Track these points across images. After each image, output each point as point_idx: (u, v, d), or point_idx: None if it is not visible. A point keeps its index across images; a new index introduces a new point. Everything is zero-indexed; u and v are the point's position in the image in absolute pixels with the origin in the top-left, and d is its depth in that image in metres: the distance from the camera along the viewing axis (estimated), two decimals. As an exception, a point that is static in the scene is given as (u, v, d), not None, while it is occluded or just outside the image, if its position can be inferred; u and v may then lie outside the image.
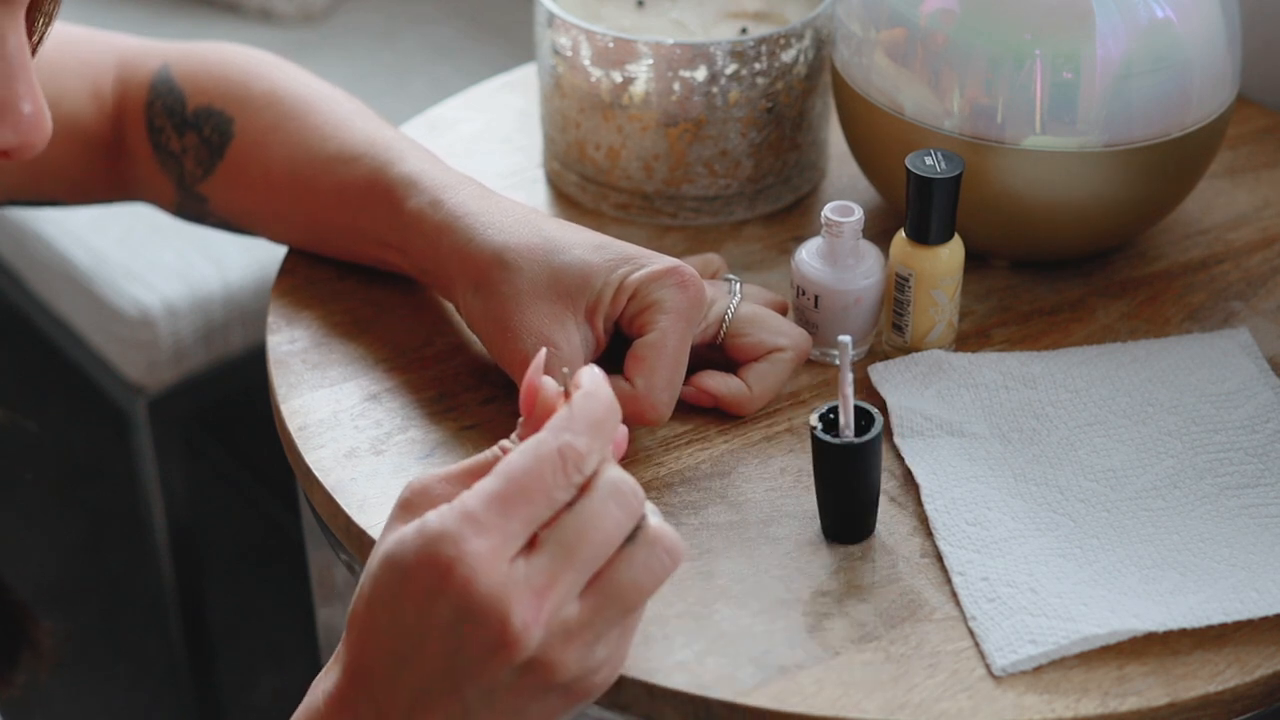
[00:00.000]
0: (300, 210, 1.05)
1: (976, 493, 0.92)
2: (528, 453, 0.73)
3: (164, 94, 1.07)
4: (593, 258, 0.94)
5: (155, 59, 1.08)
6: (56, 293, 1.59)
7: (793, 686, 0.84)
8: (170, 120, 1.06)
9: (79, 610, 1.87)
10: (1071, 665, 0.85)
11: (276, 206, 1.05)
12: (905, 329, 1.01)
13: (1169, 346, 1.02)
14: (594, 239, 0.96)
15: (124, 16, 1.78)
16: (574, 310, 0.94)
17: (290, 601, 1.84)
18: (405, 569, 0.72)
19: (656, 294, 0.94)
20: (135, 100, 1.08)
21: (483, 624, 0.71)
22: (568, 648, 0.72)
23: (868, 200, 1.15)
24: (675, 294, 0.94)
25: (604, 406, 0.74)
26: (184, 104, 1.06)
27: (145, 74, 1.08)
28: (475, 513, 0.71)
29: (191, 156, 1.06)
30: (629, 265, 0.94)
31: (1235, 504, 0.92)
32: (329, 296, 1.06)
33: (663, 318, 0.93)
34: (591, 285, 0.94)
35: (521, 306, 0.94)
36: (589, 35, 1.09)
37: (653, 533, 0.74)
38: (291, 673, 1.79)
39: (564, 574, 0.72)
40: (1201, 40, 1.03)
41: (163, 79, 1.07)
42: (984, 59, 1.02)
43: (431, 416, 0.98)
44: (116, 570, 1.91)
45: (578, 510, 0.73)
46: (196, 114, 1.06)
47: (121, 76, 1.09)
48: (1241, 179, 1.17)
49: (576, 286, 0.94)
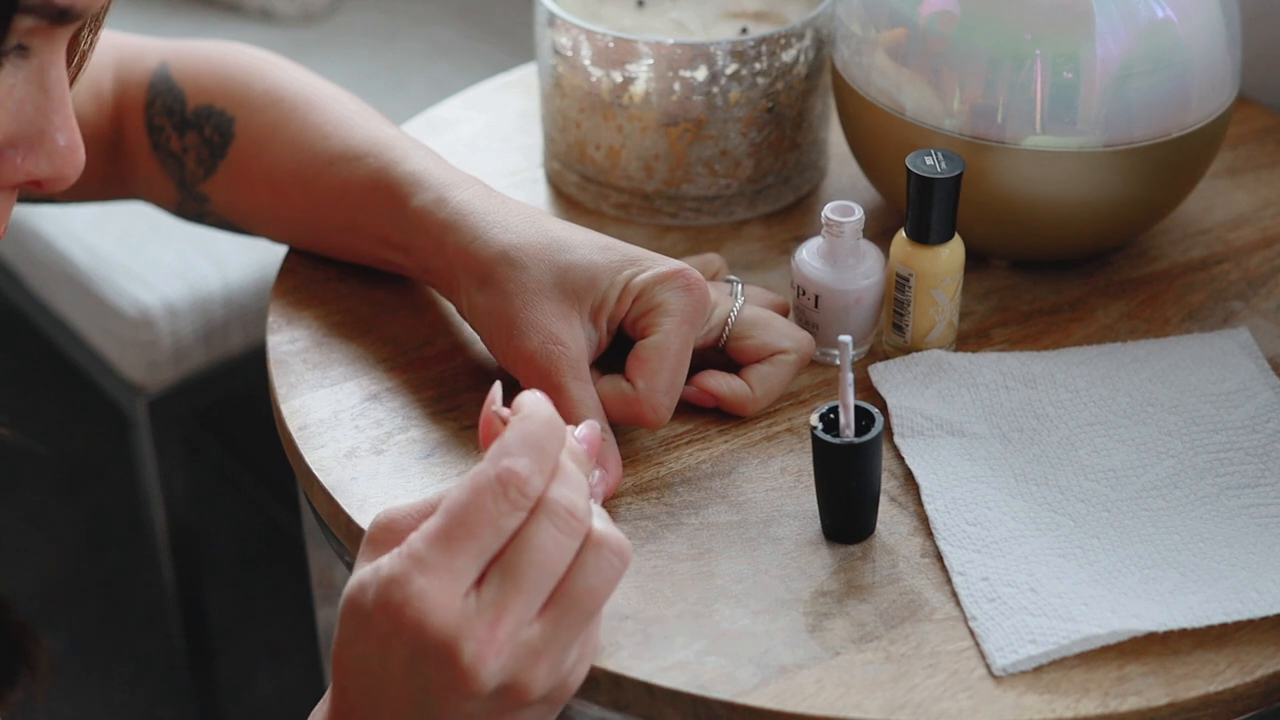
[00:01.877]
0: (302, 209, 1.05)
1: (977, 493, 0.92)
2: (466, 486, 0.73)
3: (163, 93, 1.07)
4: (599, 258, 0.95)
5: (153, 57, 1.08)
6: (56, 293, 1.59)
7: (793, 686, 0.84)
8: (170, 120, 1.06)
9: (79, 610, 1.87)
10: (1072, 665, 0.85)
11: (278, 206, 1.05)
12: (905, 329, 1.01)
13: (1169, 346, 1.02)
14: (599, 240, 0.96)
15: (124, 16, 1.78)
16: (579, 309, 0.94)
17: (290, 601, 1.84)
18: (364, 614, 0.73)
19: (661, 296, 0.94)
20: (134, 100, 1.08)
21: (437, 661, 0.72)
22: (536, 666, 0.73)
23: (868, 200, 1.15)
24: (680, 297, 0.94)
25: (542, 425, 0.74)
26: (184, 103, 1.06)
27: (143, 73, 1.08)
28: (419, 554, 0.72)
29: (193, 156, 1.06)
30: (635, 267, 0.94)
31: (1235, 504, 0.92)
32: (329, 296, 1.06)
33: (666, 320, 0.93)
34: (598, 285, 0.94)
35: (528, 304, 0.94)
36: (589, 35, 1.09)
37: (596, 538, 0.74)
38: (291, 673, 1.79)
39: (513, 602, 0.72)
40: (1201, 40, 1.03)
41: (161, 78, 1.07)
42: (984, 59, 1.02)
43: (431, 416, 0.98)
44: (116, 570, 1.91)
45: (521, 537, 0.73)
46: (197, 113, 1.06)
47: (119, 75, 1.08)
48: (1241, 179, 1.17)
49: (583, 286, 0.94)
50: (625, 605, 0.88)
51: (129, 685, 1.80)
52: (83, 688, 1.80)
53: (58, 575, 1.91)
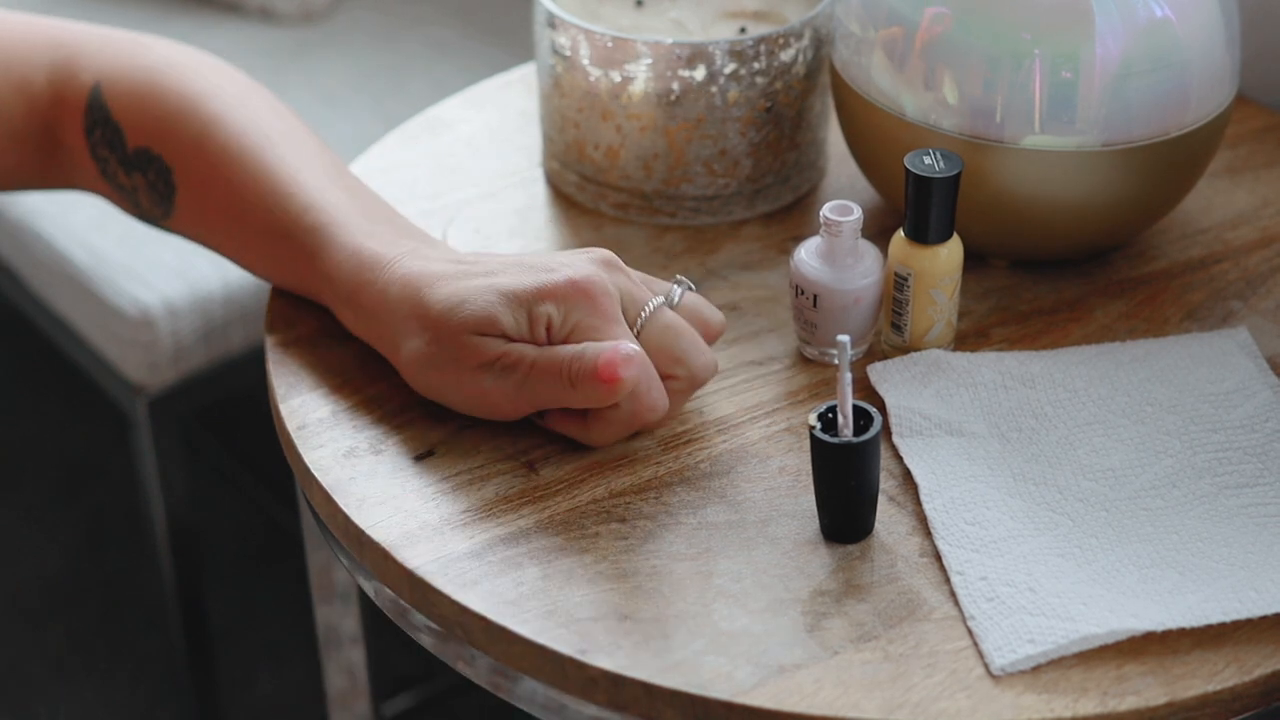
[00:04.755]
0: (249, 261, 1.05)
1: (975, 492, 0.92)
2: None
3: (101, 122, 1.05)
4: (493, 299, 0.93)
5: (88, 71, 1.06)
6: (56, 292, 1.59)
7: (791, 686, 0.84)
8: (114, 154, 1.05)
9: (79, 610, 1.87)
10: (1070, 665, 0.85)
11: (233, 253, 1.06)
12: (904, 328, 1.01)
13: (1168, 346, 1.02)
14: (490, 282, 0.94)
15: (124, 16, 1.78)
16: (494, 334, 0.94)
17: (290, 601, 1.84)
18: None
19: (571, 317, 0.93)
20: (72, 116, 1.06)
21: None
22: None
23: (867, 200, 1.15)
24: (584, 309, 0.93)
25: None
26: (124, 141, 1.05)
27: (79, 89, 1.06)
28: None
29: (145, 196, 1.06)
30: (526, 299, 0.93)
31: (1234, 503, 0.92)
32: (328, 296, 1.06)
33: (590, 333, 0.93)
34: (500, 323, 0.93)
35: (460, 371, 0.94)
36: (588, 35, 1.09)
37: None
38: (291, 673, 1.79)
39: None
40: (1200, 40, 1.03)
41: (97, 104, 1.05)
42: (983, 58, 1.02)
43: (431, 416, 0.98)
44: (116, 570, 1.91)
45: None
46: (138, 155, 1.05)
47: (54, 79, 1.06)
48: (1241, 178, 1.17)
49: (486, 324, 0.93)
50: (624, 605, 0.88)
51: (129, 685, 1.80)
52: (83, 688, 1.80)
53: (58, 575, 1.91)
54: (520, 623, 0.87)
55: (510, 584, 0.89)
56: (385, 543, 0.91)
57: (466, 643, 0.89)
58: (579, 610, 0.87)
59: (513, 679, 0.89)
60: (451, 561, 0.90)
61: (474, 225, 1.13)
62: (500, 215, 1.15)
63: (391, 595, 0.92)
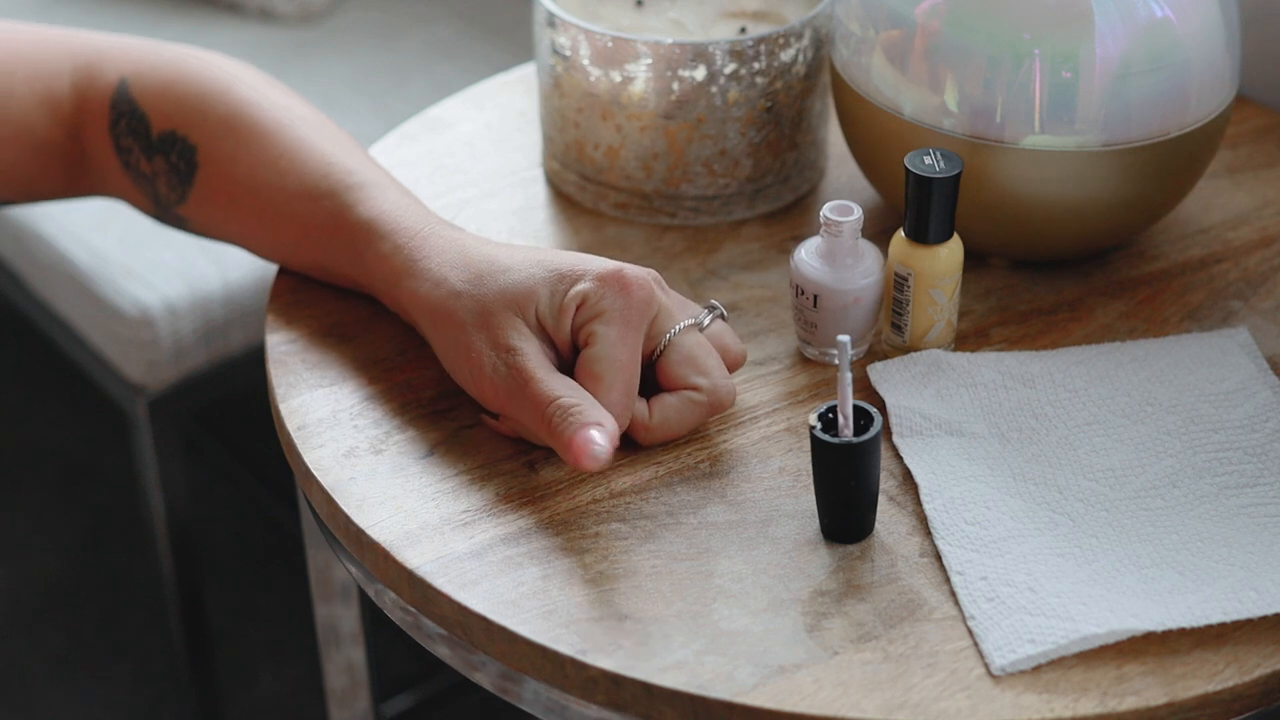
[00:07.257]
0: (271, 241, 1.06)
1: (975, 492, 0.92)
2: None
3: (126, 113, 1.06)
4: (536, 272, 0.95)
5: (112, 70, 1.07)
6: (56, 292, 1.59)
7: (791, 686, 0.84)
8: (137, 142, 1.06)
9: (79, 610, 1.87)
10: (1070, 665, 0.85)
11: (251, 233, 1.06)
12: (904, 328, 1.01)
13: (1168, 346, 1.02)
14: (538, 255, 0.96)
15: (124, 16, 1.78)
16: (525, 318, 0.94)
17: (290, 600, 1.84)
18: None
19: (600, 302, 0.94)
20: (96, 116, 1.07)
21: None
22: None
23: (867, 200, 1.15)
24: (617, 299, 0.94)
25: None
26: (148, 127, 1.06)
27: (104, 88, 1.07)
28: None
29: (164, 181, 1.06)
30: (569, 278, 0.95)
31: (1234, 503, 0.92)
32: (329, 296, 1.06)
33: (607, 328, 0.94)
34: (537, 294, 0.94)
35: (478, 329, 0.95)
36: (588, 35, 1.09)
37: None
38: (291, 673, 1.79)
39: None
40: (1200, 39, 1.03)
41: (123, 97, 1.07)
42: (983, 58, 1.02)
43: (431, 416, 0.98)
44: (116, 570, 1.91)
45: None
46: (162, 139, 1.06)
47: (78, 84, 1.08)
48: (1241, 178, 1.17)
49: (523, 296, 0.95)
50: (624, 605, 0.88)
51: (129, 685, 1.80)
52: (83, 688, 1.80)
53: (58, 575, 1.91)
54: (520, 623, 0.87)
55: (510, 584, 0.89)
56: (385, 543, 0.91)
57: (467, 642, 0.90)
58: (579, 610, 0.87)
59: (519, 682, 0.89)
60: (451, 561, 0.90)
61: (474, 225, 1.13)
62: (500, 215, 1.15)
63: (398, 600, 0.92)
